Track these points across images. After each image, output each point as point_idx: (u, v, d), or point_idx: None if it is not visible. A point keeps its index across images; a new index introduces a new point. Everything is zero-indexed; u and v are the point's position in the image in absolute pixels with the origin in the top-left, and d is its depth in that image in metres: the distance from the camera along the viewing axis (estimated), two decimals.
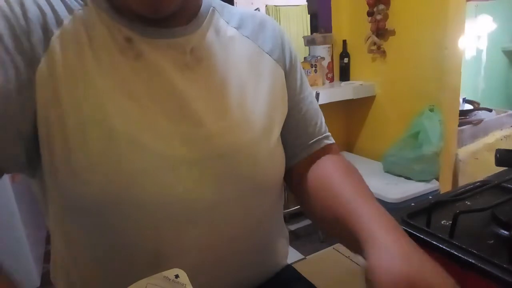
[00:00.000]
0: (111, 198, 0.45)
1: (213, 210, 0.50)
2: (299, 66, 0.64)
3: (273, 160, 0.56)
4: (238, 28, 0.58)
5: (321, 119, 0.65)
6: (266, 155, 0.54)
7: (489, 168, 0.68)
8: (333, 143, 0.65)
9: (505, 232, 0.48)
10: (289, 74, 0.62)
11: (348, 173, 0.56)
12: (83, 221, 0.48)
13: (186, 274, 0.39)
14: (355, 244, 0.45)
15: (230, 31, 0.57)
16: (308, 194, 0.59)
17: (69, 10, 0.47)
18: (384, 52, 2.31)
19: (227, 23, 0.58)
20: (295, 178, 0.63)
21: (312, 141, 0.62)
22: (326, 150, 0.63)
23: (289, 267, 0.67)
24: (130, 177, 0.45)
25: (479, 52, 3.09)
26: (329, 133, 0.66)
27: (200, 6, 0.56)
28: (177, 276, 0.39)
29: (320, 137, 0.63)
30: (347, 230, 0.47)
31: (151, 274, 0.46)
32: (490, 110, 2.36)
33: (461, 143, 2.14)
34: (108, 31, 0.48)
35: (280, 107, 0.59)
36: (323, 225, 0.56)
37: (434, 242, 0.47)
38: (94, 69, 0.46)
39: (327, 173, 0.57)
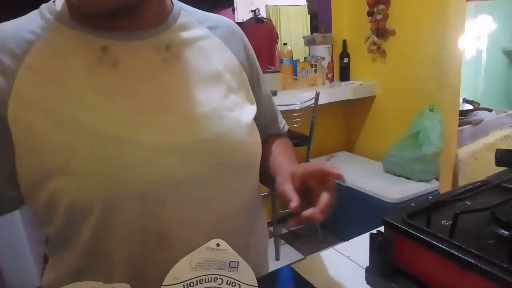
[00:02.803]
0: (110, 195, 0.50)
1: (206, 189, 0.55)
2: (260, 72, 0.73)
3: (251, 139, 0.62)
4: (210, 28, 0.64)
5: (278, 119, 0.78)
6: (245, 135, 0.60)
7: (489, 168, 0.68)
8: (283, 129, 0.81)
9: (505, 232, 0.48)
10: (254, 79, 0.69)
11: (282, 144, 0.74)
12: (85, 221, 0.51)
13: (225, 242, 0.44)
14: (272, 180, 0.62)
15: (203, 30, 0.63)
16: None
17: (26, 45, 0.51)
18: (384, 52, 2.31)
19: (200, 23, 0.64)
20: None
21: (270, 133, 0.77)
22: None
23: (288, 268, 0.67)
24: (124, 171, 0.50)
25: (479, 52, 3.09)
26: (281, 126, 0.79)
27: (169, 9, 0.61)
28: (218, 245, 0.44)
29: (276, 131, 0.78)
30: (269, 173, 0.66)
31: (156, 255, 0.54)
32: (490, 110, 2.36)
33: (461, 143, 2.14)
34: (80, 45, 0.53)
35: (247, 103, 0.64)
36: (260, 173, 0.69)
37: (434, 242, 0.47)
38: (73, 84, 0.51)
39: (270, 143, 0.75)
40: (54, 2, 0.56)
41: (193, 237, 0.55)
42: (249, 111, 0.63)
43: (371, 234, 0.55)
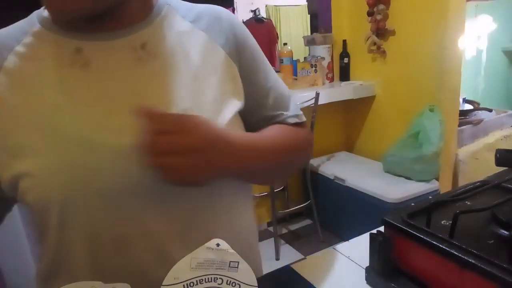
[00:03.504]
0: (67, 196, 0.50)
1: (166, 192, 0.53)
2: (260, 59, 0.66)
3: None
4: (193, 22, 0.61)
5: (290, 102, 0.68)
6: None
7: (489, 168, 0.68)
8: (300, 122, 0.68)
9: (505, 232, 0.48)
10: (249, 68, 0.63)
11: (275, 128, 0.64)
12: (48, 220, 0.53)
13: (225, 242, 0.43)
14: None
15: (185, 25, 0.60)
16: None
17: (7, 51, 0.53)
18: (384, 52, 2.31)
19: (183, 17, 0.61)
20: None
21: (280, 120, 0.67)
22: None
23: (288, 268, 0.67)
24: (86, 173, 0.50)
25: (479, 52, 3.09)
26: (298, 113, 0.69)
27: (154, 4, 0.59)
28: (218, 245, 0.43)
29: (287, 117, 0.67)
30: None
31: (118, 260, 0.53)
32: (490, 110, 2.36)
33: (461, 143, 2.14)
34: (55, 48, 0.53)
35: (232, 98, 0.60)
36: None
37: (434, 242, 0.47)
38: (43, 86, 0.52)
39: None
40: (45, 8, 0.57)
41: (156, 241, 0.54)
42: (231, 108, 0.59)
43: (371, 234, 0.55)
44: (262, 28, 4.09)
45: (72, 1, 0.48)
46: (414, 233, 0.50)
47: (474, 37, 3.03)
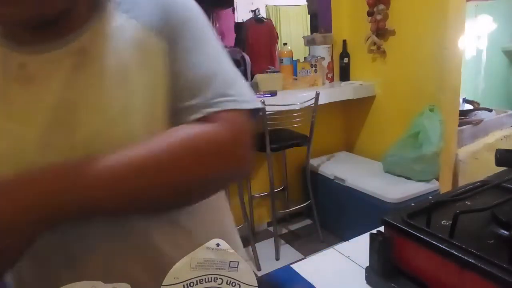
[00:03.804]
0: None
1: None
2: (189, 33, 0.56)
3: None
4: (127, 11, 0.55)
5: (209, 85, 0.54)
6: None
7: (489, 168, 0.68)
8: (220, 111, 0.53)
9: (505, 232, 0.48)
10: (175, 43, 0.55)
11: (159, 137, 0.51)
12: None
13: (225, 242, 0.43)
14: None
15: (120, 19, 0.54)
16: None
17: None
18: (384, 52, 2.31)
19: (121, 11, 0.55)
20: None
21: (194, 111, 0.54)
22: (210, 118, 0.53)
23: (288, 268, 0.67)
24: None
25: (479, 52, 3.09)
26: (217, 99, 0.53)
27: (98, 7, 0.55)
28: (218, 245, 0.43)
29: (203, 106, 0.53)
30: None
31: (69, 274, 0.54)
32: (490, 110, 2.37)
33: (461, 143, 2.14)
34: (1, 63, 0.52)
35: (165, 84, 0.55)
36: None
37: (434, 242, 0.47)
38: None
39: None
40: None
41: (103, 258, 0.54)
42: (162, 102, 0.54)
43: (371, 234, 0.55)
44: (262, 28, 4.09)
45: (9, 7, 0.45)
46: (414, 233, 0.50)
47: (474, 37, 3.03)
